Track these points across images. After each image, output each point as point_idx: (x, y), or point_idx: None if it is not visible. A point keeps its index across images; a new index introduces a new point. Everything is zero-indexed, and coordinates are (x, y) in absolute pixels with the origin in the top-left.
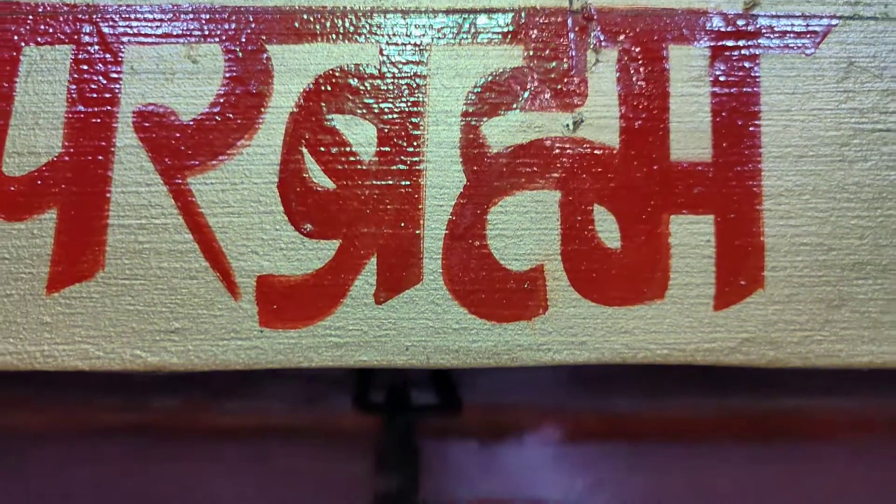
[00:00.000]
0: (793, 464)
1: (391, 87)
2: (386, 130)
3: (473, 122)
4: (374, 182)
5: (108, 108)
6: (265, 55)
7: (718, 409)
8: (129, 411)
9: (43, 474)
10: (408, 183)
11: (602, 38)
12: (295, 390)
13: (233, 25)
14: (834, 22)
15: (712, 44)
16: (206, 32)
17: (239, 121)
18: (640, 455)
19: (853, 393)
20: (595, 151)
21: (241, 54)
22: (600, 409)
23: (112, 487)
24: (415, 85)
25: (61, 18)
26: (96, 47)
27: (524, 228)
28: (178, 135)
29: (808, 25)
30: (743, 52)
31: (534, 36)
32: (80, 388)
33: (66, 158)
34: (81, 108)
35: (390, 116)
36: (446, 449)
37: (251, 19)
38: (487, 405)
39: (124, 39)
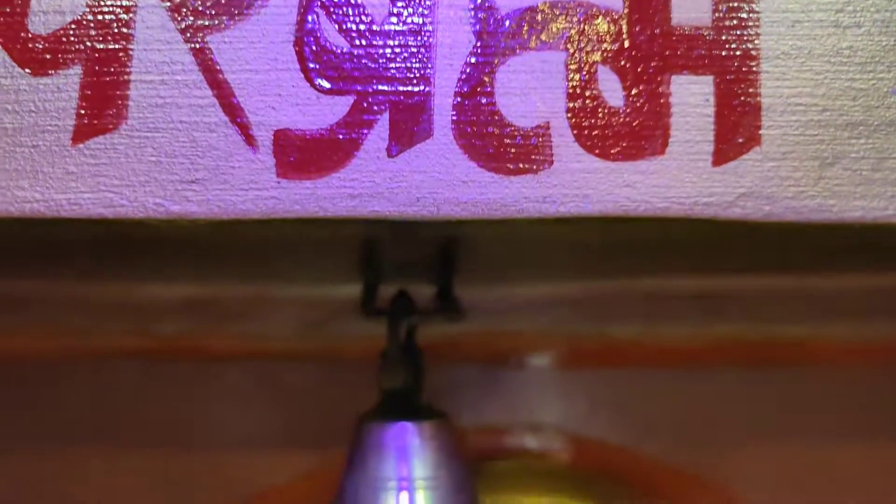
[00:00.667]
0: (790, 390)
1: None
2: None
3: None
4: (387, 42)
5: None
6: None
7: (716, 336)
8: (134, 336)
9: (48, 399)
10: (419, 42)
11: None
12: (298, 314)
13: None
14: None
15: None
16: None
17: None
18: (637, 380)
19: (850, 319)
20: (601, 15)
21: None
22: (599, 334)
23: (116, 412)
24: None
25: None
26: None
27: (531, 87)
28: None
29: None
30: None
31: None
32: (85, 311)
33: (91, 17)
34: None
35: None
36: (448, 375)
37: None
38: (488, 331)
39: None
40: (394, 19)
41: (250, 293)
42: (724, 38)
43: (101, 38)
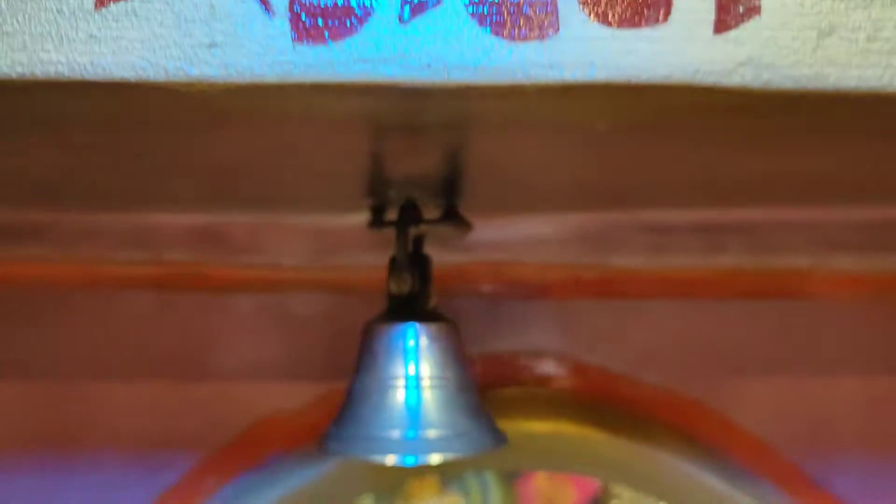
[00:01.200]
0: (789, 322)
1: None
2: None
3: None
4: None
5: None
6: None
7: (717, 268)
8: (145, 266)
9: (61, 328)
10: None
11: None
12: (307, 243)
13: None
14: None
15: None
16: None
17: None
18: (639, 311)
19: (852, 252)
20: None
21: None
22: (601, 266)
23: (127, 341)
24: None
25: None
26: None
27: None
28: None
29: None
30: None
31: None
32: (97, 239)
33: None
34: None
35: None
36: (454, 306)
37: None
38: (493, 262)
39: None
40: None
41: (259, 221)
42: None
43: None
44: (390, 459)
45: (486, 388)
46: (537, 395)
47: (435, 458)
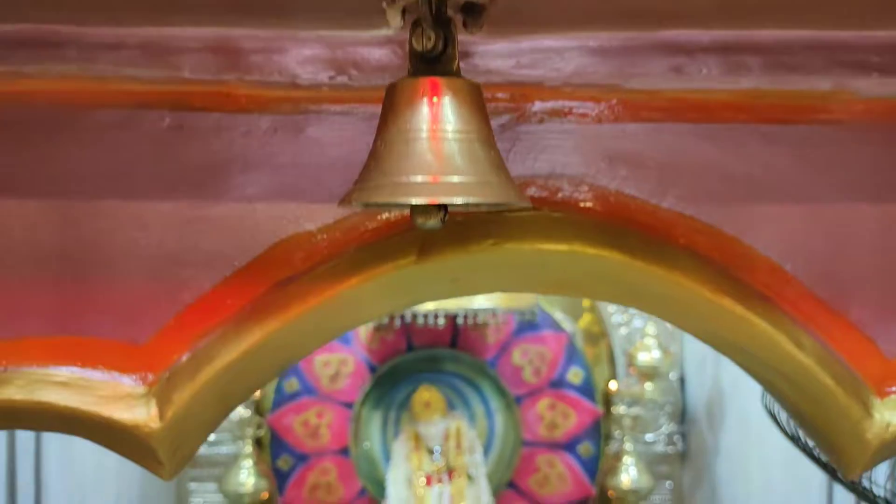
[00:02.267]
0: (807, 147)
1: None
2: None
3: None
4: None
5: None
6: None
7: (737, 92)
8: (165, 83)
9: (80, 146)
10: None
11: None
12: (323, 59)
13: None
14: None
15: None
16: None
17: None
18: (657, 134)
19: (874, 75)
20: None
21: None
22: (620, 88)
23: (146, 161)
24: None
25: None
26: None
27: None
28: None
29: None
30: None
31: None
32: (115, 53)
33: None
34: None
35: None
36: None
37: None
38: (511, 83)
39: None
40: None
41: (274, 34)
42: None
43: None
44: (415, 199)
45: (501, 212)
46: (554, 217)
47: (458, 200)
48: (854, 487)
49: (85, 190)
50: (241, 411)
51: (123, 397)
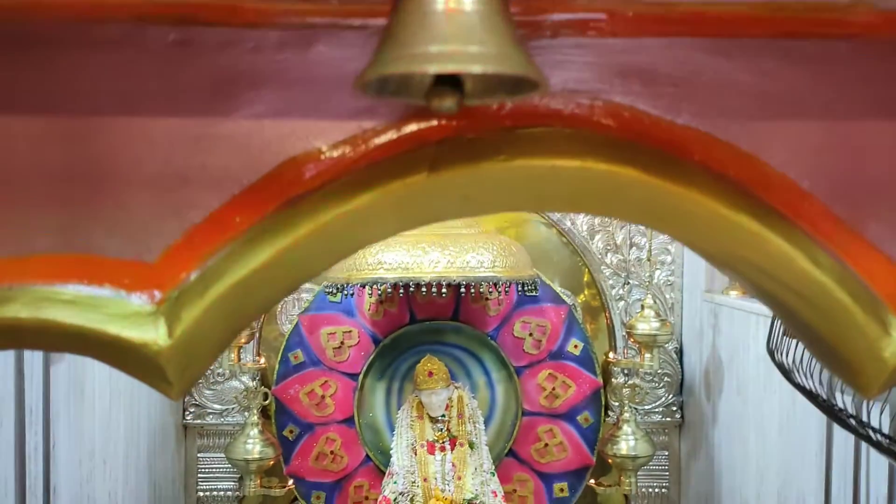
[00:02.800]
0: (826, 63)
1: None
2: None
3: None
4: None
5: None
6: None
7: (754, 4)
8: None
9: (82, 61)
10: None
11: None
12: None
13: None
14: None
15: None
16: None
17: None
18: (674, 49)
19: None
20: None
21: None
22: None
23: (149, 79)
24: None
25: None
26: None
27: None
28: None
29: None
30: None
31: None
32: None
33: None
34: None
35: None
36: None
37: None
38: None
39: None
40: None
41: None
42: None
43: None
44: (432, 68)
45: (512, 128)
46: (566, 133)
47: (476, 69)
48: (858, 431)
49: (89, 107)
50: (247, 382)
51: (131, 315)
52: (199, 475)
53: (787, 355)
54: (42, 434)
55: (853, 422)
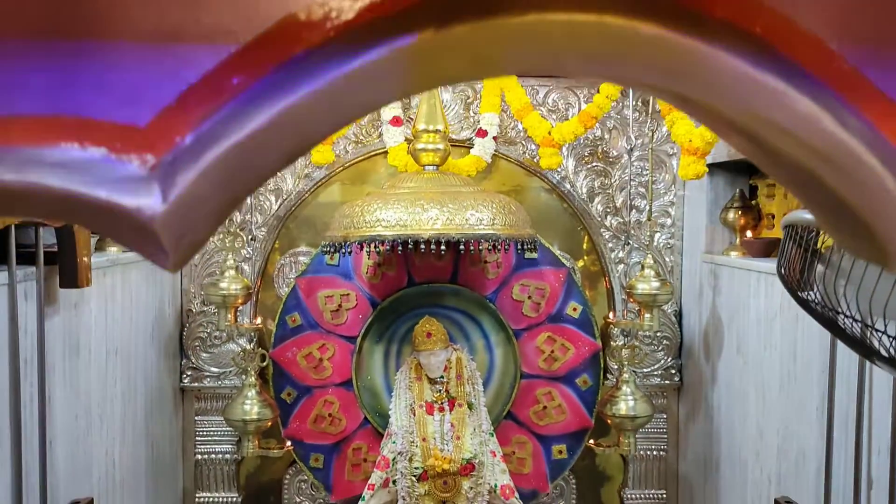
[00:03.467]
0: None
1: None
2: None
3: None
4: None
5: None
6: None
7: None
8: None
9: None
10: None
11: None
12: None
13: None
14: None
15: None
16: None
17: None
18: None
19: None
20: None
21: None
22: None
23: None
24: None
25: None
26: None
27: None
28: None
29: None
30: None
31: None
32: None
33: None
34: None
35: None
36: None
37: None
38: None
39: None
40: None
41: None
42: None
43: None
44: None
45: None
46: None
47: None
48: (864, 341)
49: None
50: (244, 344)
51: (123, 180)
52: (197, 438)
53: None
54: (37, 386)
55: (858, 327)
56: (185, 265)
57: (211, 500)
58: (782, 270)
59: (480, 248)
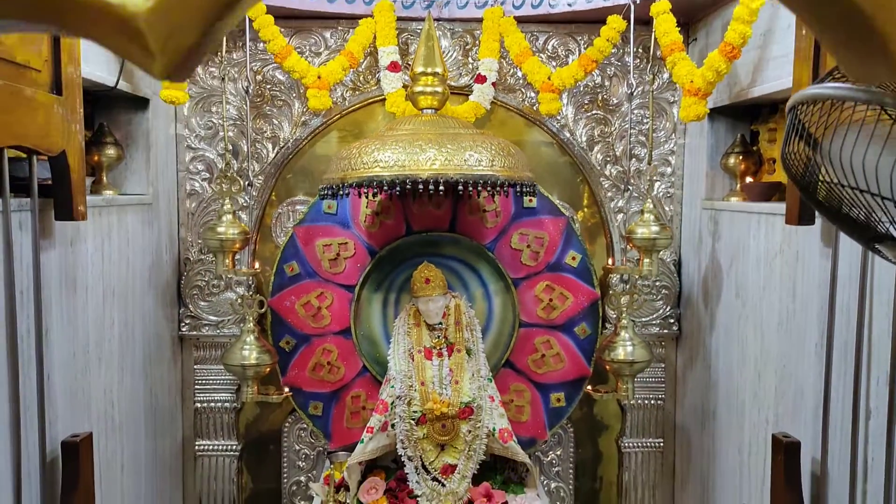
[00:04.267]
0: None
1: None
2: None
3: None
4: None
5: None
6: None
7: None
8: None
9: None
10: None
11: None
12: None
13: None
14: None
15: None
16: None
17: None
18: None
19: None
20: None
21: None
22: None
23: None
24: None
25: None
26: None
27: None
28: None
29: None
30: None
31: None
32: None
33: None
34: None
35: None
36: None
37: None
38: None
39: None
40: None
41: None
42: None
43: None
44: None
45: None
46: None
47: None
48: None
49: None
50: (243, 292)
51: None
52: (196, 386)
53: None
54: (34, 318)
55: (865, 203)
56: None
57: (210, 447)
58: (786, 158)
59: (479, 192)
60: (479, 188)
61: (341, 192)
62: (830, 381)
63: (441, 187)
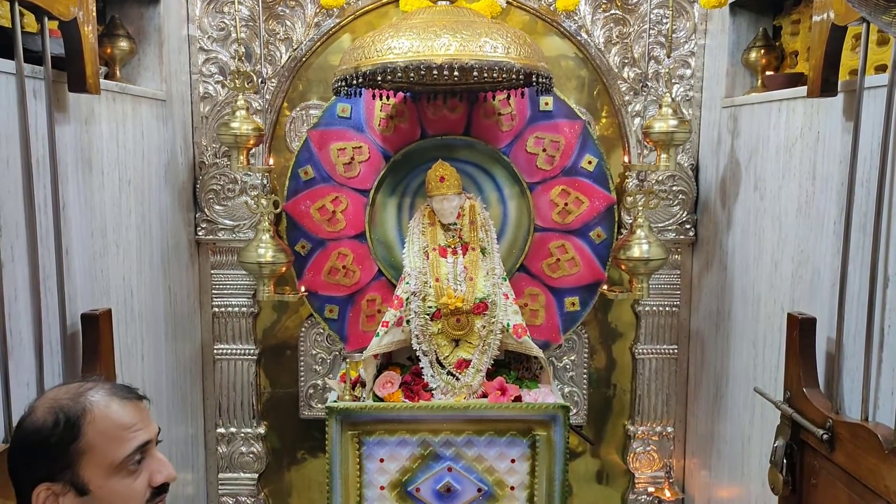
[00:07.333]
0: None
1: None
2: None
3: None
4: None
5: None
6: None
7: None
8: None
9: None
10: None
11: None
12: None
13: None
14: None
15: None
16: None
17: None
18: None
19: None
20: None
21: None
22: None
23: None
24: None
25: None
26: None
27: None
28: None
29: None
30: None
31: None
32: None
33: None
34: None
35: None
36: None
37: None
38: None
39: None
40: None
41: None
42: None
43: None
44: None
45: None
46: None
47: None
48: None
49: None
50: (259, 195)
51: None
52: (213, 291)
53: None
54: (51, 190)
55: None
56: None
57: (229, 351)
58: None
59: (494, 95)
60: (495, 76)
61: (355, 82)
62: (848, 256)
63: (455, 73)
